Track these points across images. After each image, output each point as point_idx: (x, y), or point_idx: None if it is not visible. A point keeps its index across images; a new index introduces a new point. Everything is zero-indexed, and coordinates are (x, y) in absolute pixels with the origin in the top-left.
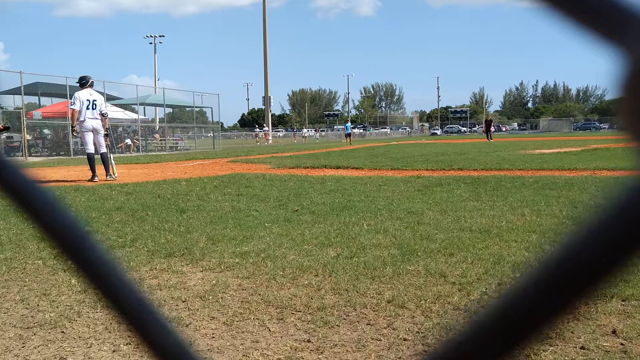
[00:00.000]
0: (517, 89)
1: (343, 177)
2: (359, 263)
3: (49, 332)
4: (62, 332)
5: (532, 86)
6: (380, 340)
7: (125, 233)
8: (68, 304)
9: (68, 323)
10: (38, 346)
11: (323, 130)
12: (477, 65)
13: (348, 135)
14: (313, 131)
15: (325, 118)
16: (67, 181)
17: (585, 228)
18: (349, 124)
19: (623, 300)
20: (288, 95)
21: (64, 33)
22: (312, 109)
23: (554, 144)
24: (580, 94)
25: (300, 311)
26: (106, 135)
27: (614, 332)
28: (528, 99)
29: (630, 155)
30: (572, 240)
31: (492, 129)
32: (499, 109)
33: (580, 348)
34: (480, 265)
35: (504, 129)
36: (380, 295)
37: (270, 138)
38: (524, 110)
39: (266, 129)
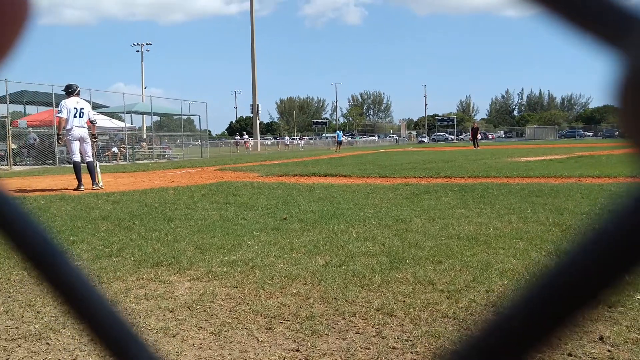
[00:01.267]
0: (503, 97)
1: (332, 185)
2: (347, 271)
3: (34, 344)
4: (47, 343)
5: (518, 94)
6: (369, 349)
7: (112, 242)
8: (53, 315)
9: (53, 334)
10: (23, 358)
11: (311, 139)
12: (463, 74)
13: (339, 143)
14: (298, 139)
15: (314, 126)
16: (52, 190)
17: (587, 236)
18: (340, 131)
19: (609, 307)
20: (276, 103)
21: (49, 41)
22: (301, 117)
23: (540, 151)
24: (565, 102)
25: (288, 320)
26: (94, 141)
27: (601, 338)
28: (514, 107)
29: (631, 162)
30: (575, 248)
31: (479, 136)
32: (485, 117)
33: (568, 355)
34: (468, 272)
35: (490, 137)
36: (369, 304)
37: (250, 146)
38: (510, 118)
39: (246, 137)
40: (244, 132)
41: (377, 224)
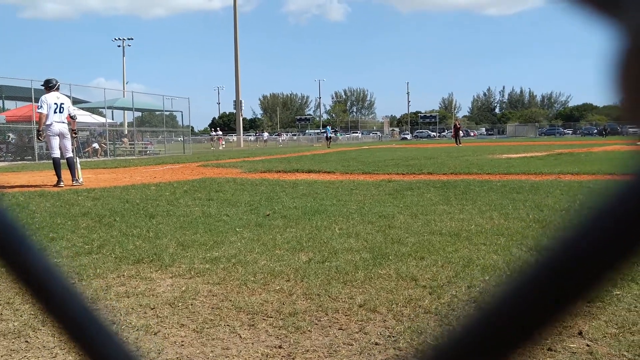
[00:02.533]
0: (484, 94)
1: (315, 181)
2: (330, 267)
3: (13, 342)
4: (26, 341)
5: (499, 92)
6: (352, 345)
7: (92, 239)
8: (32, 312)
9: (32, 332)
10: (1, 356)
11: (295, 135)
12: (446, 71)
13: (328, 138)
14: (276, 135)
15: (297, 122)
16: (31, 186)
17: (576, 226)
18: (329, 127)
19: (588, 302)
20: (259, 99)
21: (29, 35)
22: (284, 113)
23: (520, 148)
24: (545, 100)
25: (271, 317)
26: (74, 137)
27: (580, 333)
28: (495, 104)
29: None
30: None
31: (461, 133)
32: (467, 114)
33: (547, 349)
34: (450, 268)
35: (472, 134)
36: (352, 300)
37: (223, 143)
38: (491, 115)
39: (220, 133)
40: (217, 128)
41: (360, 220)
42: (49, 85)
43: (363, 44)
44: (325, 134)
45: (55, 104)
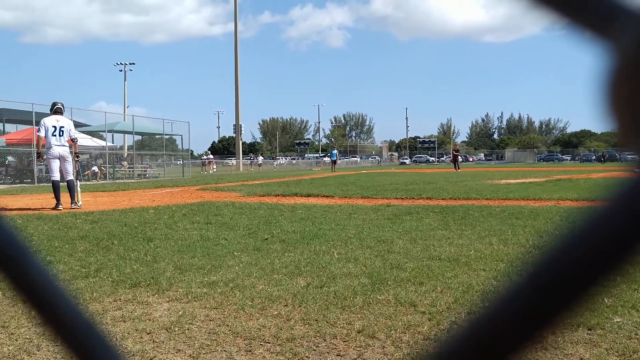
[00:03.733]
0: (483, 120)
1: (314, 205)
2: (329, 292)
3: None
4: None
5: (498, 118)
6: None
7: (89, 263)
8: (27, 336)
9: (27, 357)
10: None
11: (294, 159)
12: (444, 97)
13: (334, 162)
14: (272, 159)
15: (297, 146)
16: (30, 209)
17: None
18: (335, 151)
19: (589, 330)
20: (259, 123)
21: (31, 59)
22: (283, 137)
23: (519, 174)
24: (543, 126)
25: (269, 342)
26: (77, 160)
27: None
28: (494, 130)
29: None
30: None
31: (460, 159)
32: (466, 139)
33: None
34: (449, 294)
35: (471, 159)
36: (351, 326)
37: (214, 167)
38: (490, 141)
39: (211, 157)
40: (209, 152)
41: (359, 245)
42: (54, 109)
43: (362, 69)
44: (330, 157)
45: (54, 126)
